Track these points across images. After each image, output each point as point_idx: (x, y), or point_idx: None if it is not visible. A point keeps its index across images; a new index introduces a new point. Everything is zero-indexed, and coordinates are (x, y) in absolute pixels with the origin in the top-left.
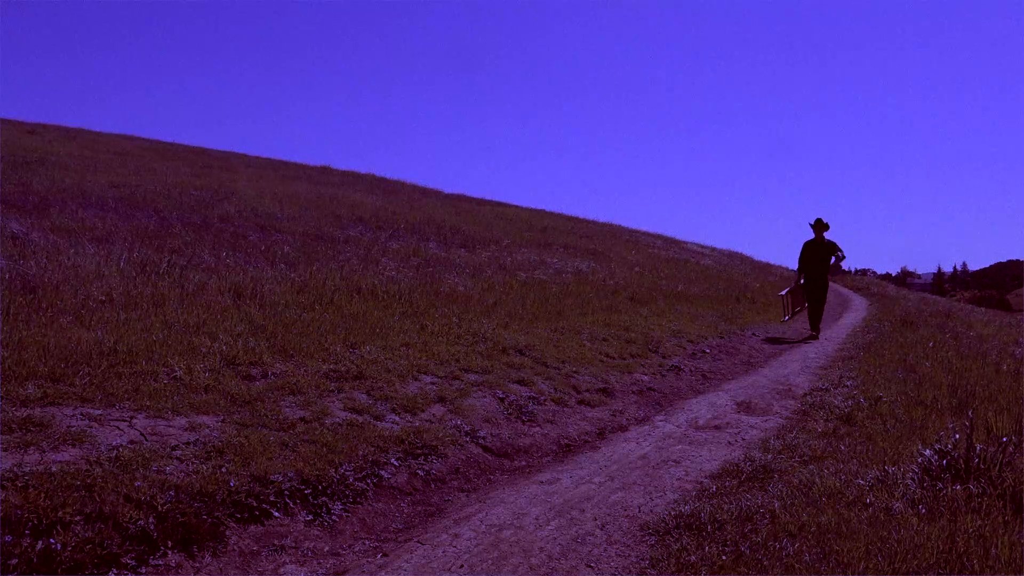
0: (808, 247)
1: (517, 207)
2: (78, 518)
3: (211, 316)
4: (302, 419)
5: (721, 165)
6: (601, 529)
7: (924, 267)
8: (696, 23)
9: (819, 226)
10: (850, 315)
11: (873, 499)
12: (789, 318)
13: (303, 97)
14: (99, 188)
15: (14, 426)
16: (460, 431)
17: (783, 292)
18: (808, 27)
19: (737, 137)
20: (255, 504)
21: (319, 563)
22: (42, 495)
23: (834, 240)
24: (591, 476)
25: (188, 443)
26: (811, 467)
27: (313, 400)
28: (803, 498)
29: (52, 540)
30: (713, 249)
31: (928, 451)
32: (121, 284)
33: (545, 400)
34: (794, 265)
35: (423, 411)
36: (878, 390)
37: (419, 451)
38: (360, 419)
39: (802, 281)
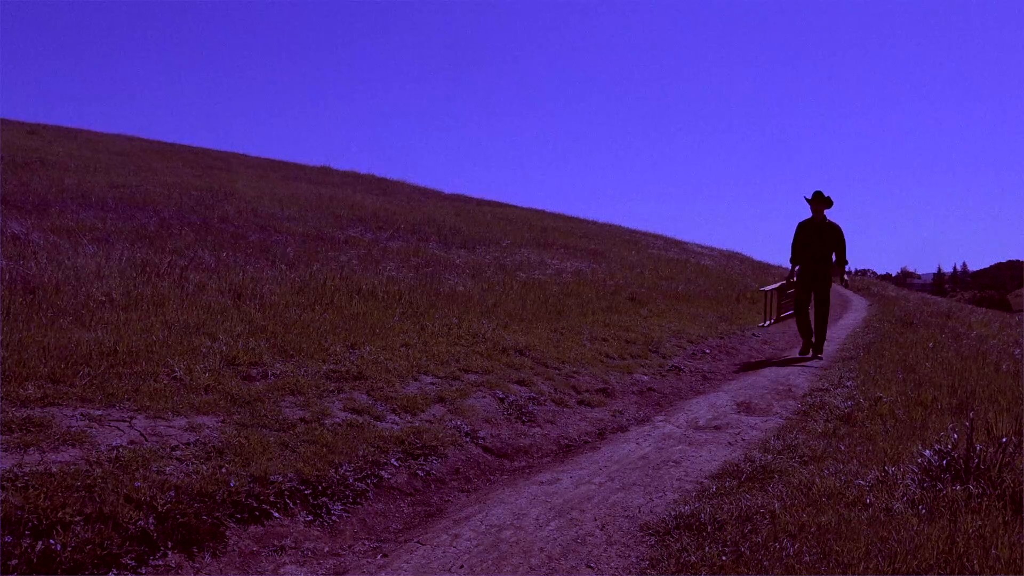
0: (803, 230)
1: (517, 207)
2: (78, 518)
3: (211, 316)
4: (302, 419)
5: (721, 165)
6: (601, 529)
7: (924, 267)
8: (696, 22)
9: (818, 201)
10: (850, 315)
11: (873, 499)
12: (772, 322)
13: (303, 97)
14: (99, 188)
15: (14, 426)
16: (460, 431)
17: (769, 287)
18: (808, 27)
19: (737, 137)
20: (255, 504)
21: (319, 563)
22: (42, 495)
23: (838, 224)
24: (591, 476)
25: (188, 443)
26: (811, 467)
27: (313, 400)
28: (803, 498)
29: (52, 540)
30: (713, 249)
31: (928, 451)
32: (121, 284)
33: (545, 400)
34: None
35: (423, 411)
36: (878, 390)
37: (419, 451)
38: (360, 419)
39: (795, 278)
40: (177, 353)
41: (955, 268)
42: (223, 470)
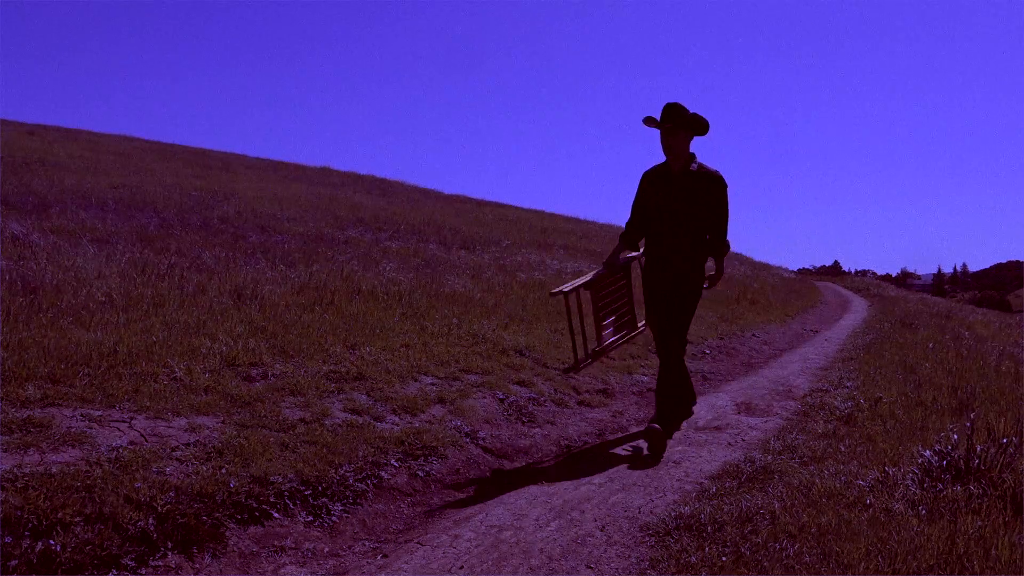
0: (654, 183)
1: (517, 208)
2: (78, 519)
3: (211, 317)
4: (302, 420)
5: (720, 166)
6: (601, 530)
7: (924, 268)
8: (695, 23)
9: (675, 120)
10: (850, 316)
11: (873, 500)
12: (586, 363)
13: (303, 97)
14: (99, 189)
15: (14, 427)
16: (460, 432)
17: (568, 285)
18: (807, 26)
19: (736, 137)
20: (255, 505)
21: (319, 564)
22: (42, 496)
23: (720, 175)
24: (591, 477)
25: (188, 444)
26: (811, 468)
27: (313, 401)
28: (803, 499)
29: (52, 541)
30: None
31: (928, 452)
32: (121, 285)
33: (545, 401)
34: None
35: (423, 412)
36: (878, 391)
37: (419, 452)
38: (360, 420)
39: (632, 254)
40: (177, 354)
41: (955, 268)
42: (223, 471)
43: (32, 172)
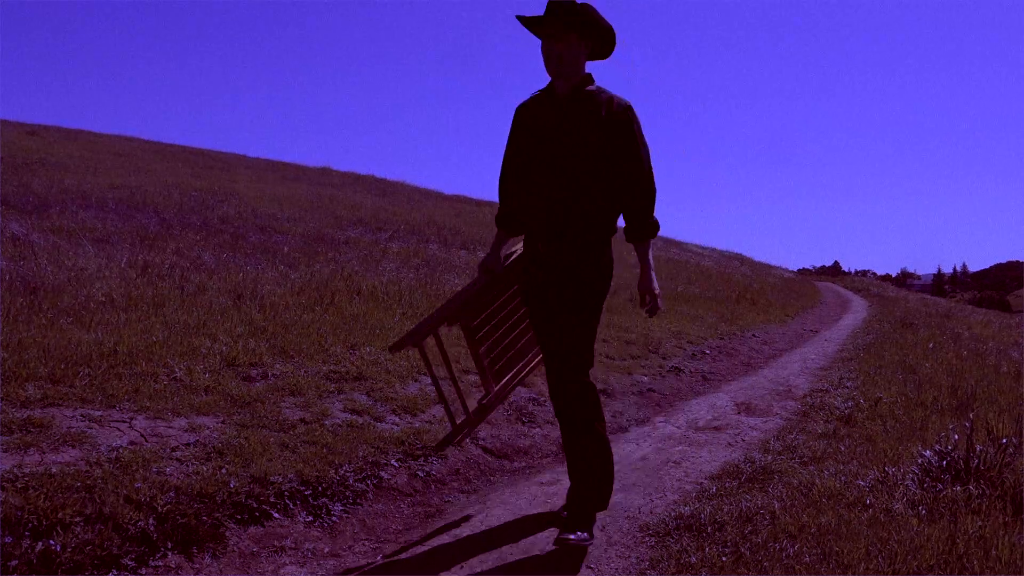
0: (529, 119)
1: None
2: (78, 519)
3: (211, 317)
4: (302, 420)
5: (720, 165)
6: (601, 531)
7: (924, 268)
8: (693, 21)
9: (561, 16)
10: (850, 316)
11: (873, 500)
12: (469, 429)
13: (303, 97)
14: (99, 189)
15: (14, 427)
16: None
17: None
18: (806, 26)
19: (736, 137)
20: (255, 505)
21: (319, 564)
22: (42, 496)
23: (627, 105)
24: None
25: (188, 444)
26: (811, 468)
27: (313, 401)
28: (803, 499)
29: (52, 541)
30: (713, 250)
31: (928, 452)
32: (121, 285)
33: (545, 401)
34: (793, 265)
35: (423, 412)
36: (878, 391)
37: (419, 452)
38: (360, 420)
39: (519, 248)
40: (177, 354)
41: (955, 269)
42: (223, 471)
43: (32, 172)
